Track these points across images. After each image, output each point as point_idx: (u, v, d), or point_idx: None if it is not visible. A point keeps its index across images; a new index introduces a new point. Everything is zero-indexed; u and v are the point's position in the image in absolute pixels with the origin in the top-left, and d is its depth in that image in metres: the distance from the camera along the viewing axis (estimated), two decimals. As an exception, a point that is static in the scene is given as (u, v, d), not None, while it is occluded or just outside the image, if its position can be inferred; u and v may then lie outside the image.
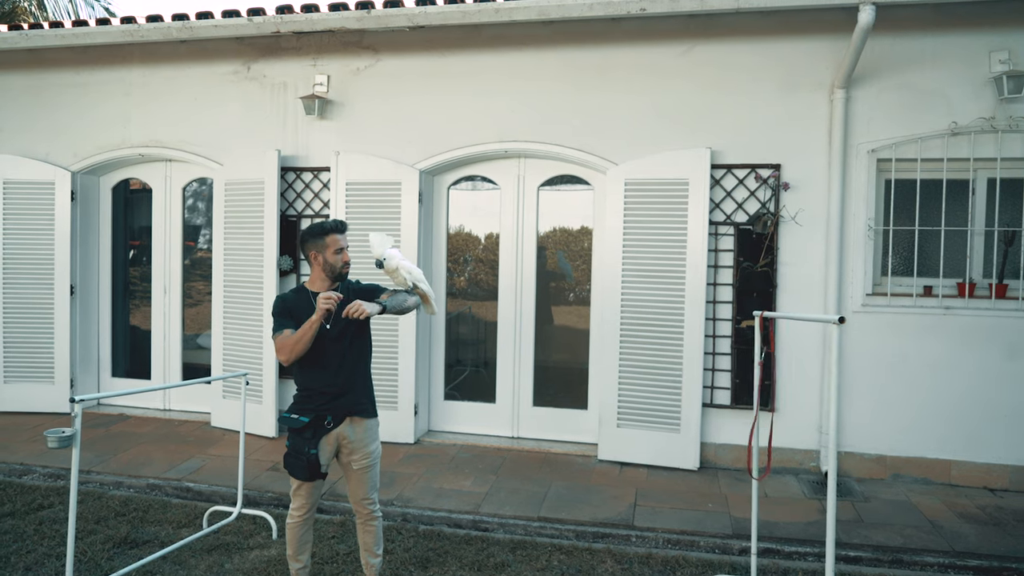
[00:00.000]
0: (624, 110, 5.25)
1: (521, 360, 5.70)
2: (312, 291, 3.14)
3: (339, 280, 3.17)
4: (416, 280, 3.22)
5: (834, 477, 2.50)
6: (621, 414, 5.20)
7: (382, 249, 3.12)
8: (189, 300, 6.49)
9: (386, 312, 3.03)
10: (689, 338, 5.03)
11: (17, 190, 6.18)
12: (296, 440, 3.06)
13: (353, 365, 3.14)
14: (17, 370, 6.25)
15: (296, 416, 3.06)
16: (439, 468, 5.09)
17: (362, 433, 3.16)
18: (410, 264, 3.22)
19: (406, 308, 3.16)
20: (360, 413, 3.16)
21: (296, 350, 2.93)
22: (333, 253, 3.11)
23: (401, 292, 3.21)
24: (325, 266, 3.12)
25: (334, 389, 3.08)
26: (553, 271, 5.81)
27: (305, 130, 5.78)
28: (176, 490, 4.78)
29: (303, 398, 3.11)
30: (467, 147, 5.53)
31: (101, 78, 6.16)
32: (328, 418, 3.07)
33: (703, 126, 5.12)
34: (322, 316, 2.92)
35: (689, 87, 5.14)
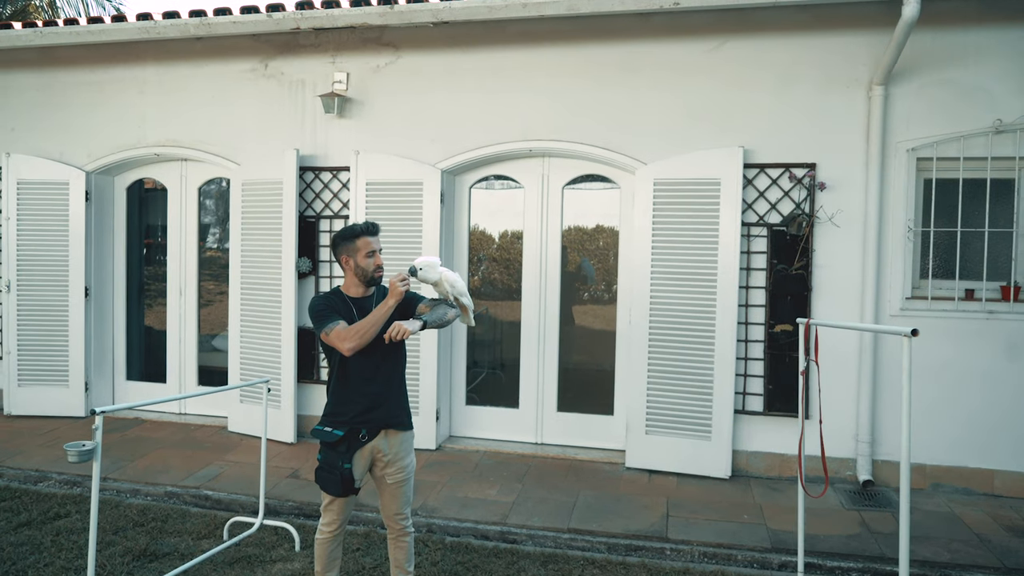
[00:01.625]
0: (652, 108, 5.10)
1: (545, 364, 5.57)
2: (348, 295, 3.02)
3: (372, 285, 3.04)
4: (458, 294, 3.08)
5: (907, 494, 2.35)
6: (650, 420, 5.05)
7: (437, 272, 3.00)
8: (204, 300, 6.37)
9: (426, 328, 2.89)
10: (720, 342, 4.88)
11: (31, 190, 6.08)
12: (329, 454, 2.93)
13: (388, 376, 3.01)
14: (32, 373, 6.16)
15: (330, 429, 2.93)
16: (463, 476, 4.96)
17: (397, 446, 3.03)
18: (454, 275, 3.08)
19: (446, 322, 3.01)
20: (396, 425, 3.03)
21: (369, 334, 2.78)
22: (365, 256, 2.98)
23: (441, 304, 3.05)
24: (357, 270, 2.99)
25: (369, 401, 2.95)
26: (574, 272, 5.66)
27: (324, 129, 5.65)
28: (195, 498, 4.67)
29: (336, 412, 2.97)
30: (490, 146, 5.38)
31: (115, 76, 6.05)
32: (363, 431, 2.94)
33: (735, 124, 4.96)
34: (399, 298, 2.82)
35: (720, 84, 4.98)
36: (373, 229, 3.01)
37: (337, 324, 2.84)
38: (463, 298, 3.11)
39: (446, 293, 3.06)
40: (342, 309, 2.94)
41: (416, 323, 2.84)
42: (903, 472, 2.39)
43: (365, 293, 3.04)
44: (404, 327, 2.76)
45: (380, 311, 2.84)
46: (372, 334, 2.81)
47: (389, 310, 2.85)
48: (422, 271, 2.99)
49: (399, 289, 2.83)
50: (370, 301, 3.03)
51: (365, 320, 2.83)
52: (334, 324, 2.84)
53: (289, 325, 5.53)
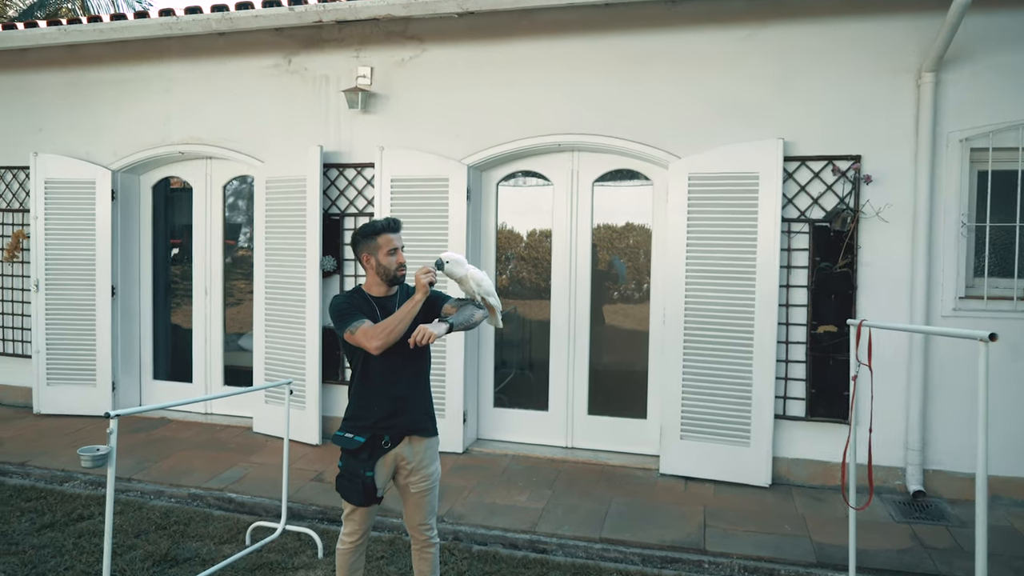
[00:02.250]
0: (686, 100, 4.89)
1: (575, 365, 5.39)
2: (370, 294, 2.88)
3: (395, 284, 2.90)
4: (485, 293, 2.92)
5: (983, 512, 2.13)
6: (685, 425, 4.85)
7: (464, 269, 2.86)
8: (230, 299, 6.31)
9: (452, 331, 2.73)
10: (760, 344, 4.65)
11: (59, 190, 6.07)
12: (350, 462, 2.80)
13: (412, 378, 2.87)
14: (60, 372, 6.15)
15: (351, 436, 2.80)
16: (491, 481, 4.81)
17: (421, 453, 2.89)
18: (480, 273, 2.92)
19: (473, 324, 2.85)
20: (420, 432, 2.88)
21: (396, 331, 2.65)
22: (386, 254, 2.83)
23: (468, 305, 2.89)
24: (379, 269, 2.84)
25: (392, 406, 2.81)
26: (604, 271, 5.47)
27: (348, 125, 5.54)
28: (218, 500, 4.59)
29: (357, 416, 2.84)
30: (517, 141, 5.22)
31: (140, 74, 6.01)
32: (385, 438, 2.80)
33: (773, 116, 4.73)
34: (426, 292, 2.70)
35: (757, 73, 4.75)
36: (394, 225, 2.87)
37: (362, 323, 2.72)
38: (490, 298, 2.95)
39: (472, 292, 2.91)
40: (365, 308, 2.81)
41: (442, 326, 2.68)
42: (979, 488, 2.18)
43: (388, 292, 2.91)
44: (429, 331, 2.60)
45: (407, 307, 2.71)
46: (400, 332, 2.67)
47: (416, 305, 2.71)
48: (448, 264, 2.84)
49: (423, 282, 2.70)
50: (393, 301, 2.90)
51: (392, 317, 2.70)
52: (359, 323, 2.72)
53: (314, 325, 5.43)
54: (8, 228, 6.43)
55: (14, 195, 6.41)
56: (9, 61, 6.28)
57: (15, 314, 6.45)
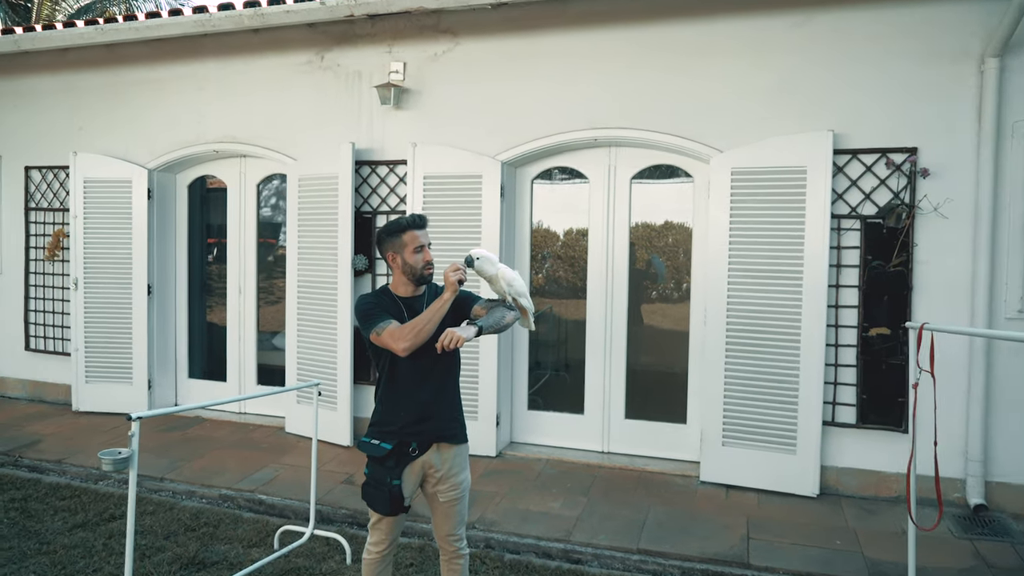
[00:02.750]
0: (729, 91, 4.68)
1: (612, 367, 5.21)
2: (397, 294, 2.76)
3: (422, 283, 2.77)
4: (517, 294, 2.78)
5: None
6: (727, 430, 4.64)
7: (495, 267, 2.74)
8: (271, 298, 6.28)
9: (482, 334, 2.59)
10: (807, 346, 4.42)
11: (97, 189, 6.12)
12: (376, 469, 2.68)
13: (440, 382, 2.74)
14: (98, 370, 6.21)
15: (377, 442, 2.68)
16: (524, 486, 4.67)
17: (451, 461, 2.76)
18: (512, 273, 2.77)
19: (504, 326, 2.70)
20: (449, 438, 2.76)
21: (425, 332, 2.53)
22: (412, 252, 2.70)
23: (499, 306, 2.75)
24: (405, 268, 2.72)
25: (419, 411, 2.69)
26: (642, 269, 5.28)
27: (380, 121, 5.45)
28: (248, 502, 4.54)
29: (384, 421, 2.72)
30: (553, 135, 5.06)
31: (175, 73, 6.02)
32: (412, 444, 2.68)
33: (822, 106, 4.48)
34: (454, 291, 2.57)
35: (805, 63, 4.52)
36: (420, 222, 2.75)
37: (389, 323, 2.60)
38: (522, 299, 2.81)
39: (503, 292, 2.77)
40: (392, 309, 2.70)
41: (471, 329, 2.55)
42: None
43: (415, 292, 2.79)
44: (458, 334, 2.46)
45: (435, 307, 2.58)
46: (428, 332, 2.55)
47: (445, 305, 2.58)
48: (479, 261, 2.70)
49: (452, 279, 2.56)
50: (420, 301, 2.77)
51: (419, 317, 2.58)
52: (385, 323, 2.60)
53: (345, 324, 5.35)
54: (50, 227, 6.51)
55: (55, 194, 6.50)
56: (51, 62, 6.36)
57: (56, 312, 6.53)
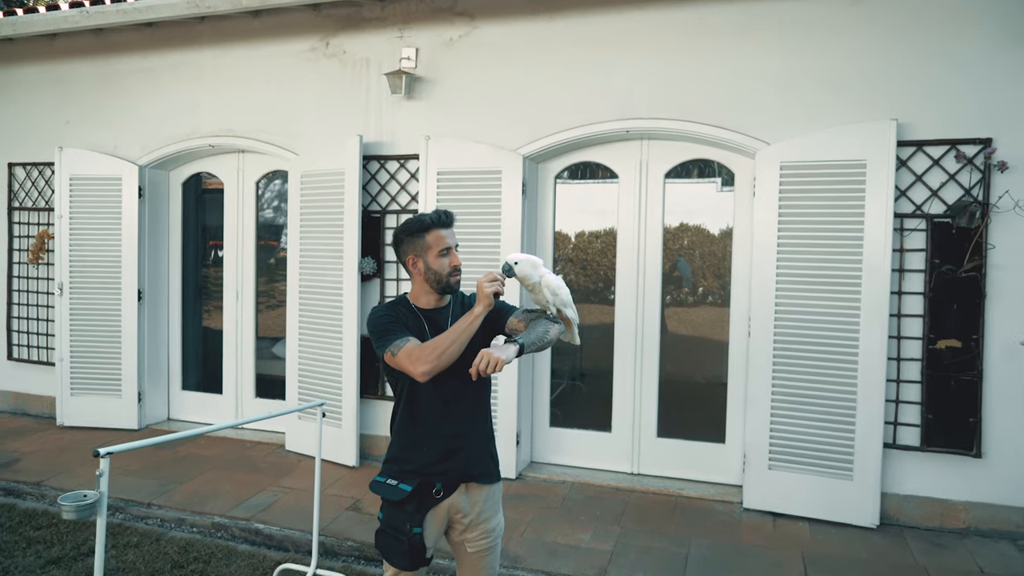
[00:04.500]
0: (777, 78, 4.24)
1: (643, 380, 4.76)
2: (417, 306, 2.34)
3: (447, 292, 2.34)
4: (562, 304, 2.35)
5: None
6: (774, 452, 4.19)
7: (539, 272, 2.33)
8: (271, 302, 5.84)
9: (524, 353, 2.16)
10: (866, 360, 3.97)
11: (84, 187, 5.68)
12: (393, 515, 2.24)
13: (470, 411, 2.31)
14: (84, 382, 5.76)
15: (394, 483, 2.24)
16: (549, 514, 4.22)
17: (481, 504, 2.31)
18: (557, 280, 2.35)
19: (548, 342, 2.27)
20: (480, 477, 2.31)
21: (449, 353, 2.11)
22: (437, 256, 2.27)
23: (540, 319, 2.32)
24: (427, 274, 2.29)
25: (444, 446, 2.26)
26: (668, 273, 4.84)
27: (390, 112, 5.01)
28: (244, 532, 4.09)
29: (401, 458, 2.29)
30: (579, 127, 4.62)
31: (170, 62, 5.59)
32: (437, 485, 2.24)
33: (883, 93, 4.04)
34: (489, 305, 2.18)
35: (863, 46, 4.08)
36: (446, 219, 2.31)
37: (407, 341, 2.17)
38: (567, 309, 2.38)
39: (545, 303, 2.34)
40: (411, 323, 2.27)
41: (511, 348, 2.11)
42: None
43: (439, 303, 2.35)
44: (496, 357, 2.02)
45: (464, 324, 2.16)
46: (454, 354, 2.13)
47: (476, 321, 2.17)
48: (519, 265, 2.29)
49: (487, 291, 2.16)
50: (445, 314, 2.34)
51: (444, 336, 2.15)
52: (403, 341, 2.17)
53: (351, 333, 4.91)
54: (35, 228, 6.08)
55: (40, 193, 6.06)
56: (38, 51, 5.93)
57: (40, 319, 6.09)
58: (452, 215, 2.34)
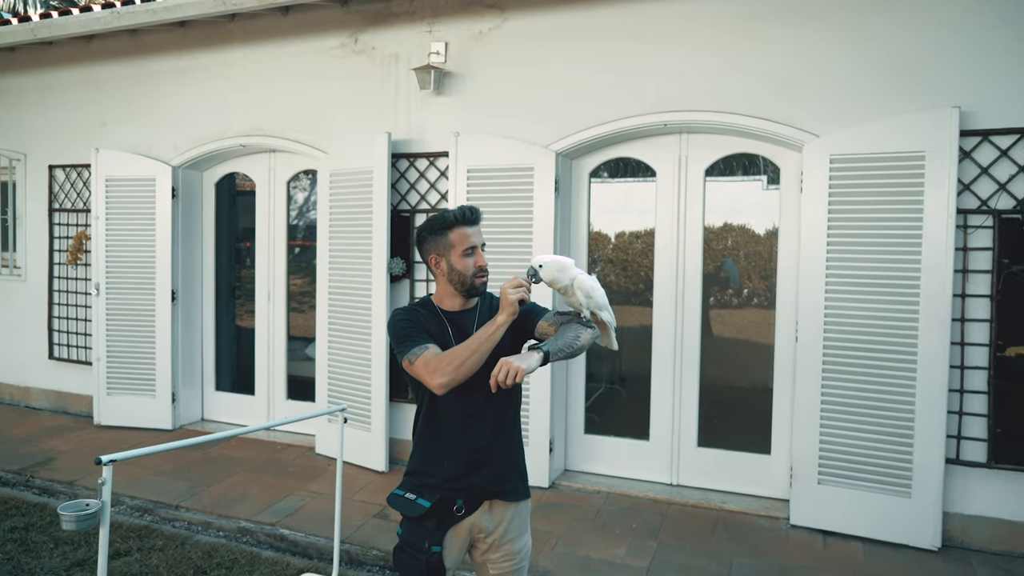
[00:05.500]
0: (826, 64, 3.96)
1: (682, 386, 4.53)
2: (442, 308, 2.19)
3: (472, 295, 2.18)
4: (597, 307, 2.15)
5: None
6: (824, 465, 3.92)
7: (569, 275, 2.11)
8: (304, 303, 5.77)
9: (549, 362, 1.97)
10: (925, 368, 3.67)
11: (119, 188, 5.71)
12: (412, 531, 2.10)
13: (496, 423, 2.15)
14: (120, 381, 5.79)
15: (412, 497, 2.10)
16: (582, 525, 4.03)
17: (506, 523, 2.15)
18: (591, 281, 2.14)
19: (578, 349, 2.06)
20: (506, 494, 2.15)
21: (468, 364, 1.94)
22: (461, 255, 2.11)
23: (572, 323, 2.13)
24: (451, 275, 2.13)
25: (468, 460, 2.11)
26: (713, 274, 4.60)
27: (419, 109, 4.89)
28: (269, 538, 4.01)
29: (422, 471, 2.16)
30: (615, 121, 4.42)
31: (201, 62, 5.57)
32: (458, 502, 2.10)
33: (943, 79, 3.74)
34: (512, 313, 1.99)
35: (920, 28, 3.78)
36: (471, 216, 2.14)
37: (425, 348, 2.01)
38: (602, 313, 2.18)
39: (578, 306, 2.15)
40: (433, 328, 2.12)
41: (534, 356, 1.93)
42: None
43: (464, 306, 2.19)
44: (517, 366, 1.85)
45: (485, 333, 1.99)
46: (474, 365, 1.96)
47: (499, 329, 1.99)
48: (545, 268, 2.08)
49: (511, 299, 1.98)
50: (471, 317, 2.18)
51: (463, 345, 1.99)
52: (421, 348, 2.02)
53: (380, 335, 4.79)
54: (74, 229, 6.14)
55: (79, 194, 6.13)
56: (75, 54, 5.99)
57: (79, 319, 6.16)
58: (478, 211, 2.17)
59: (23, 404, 6.52)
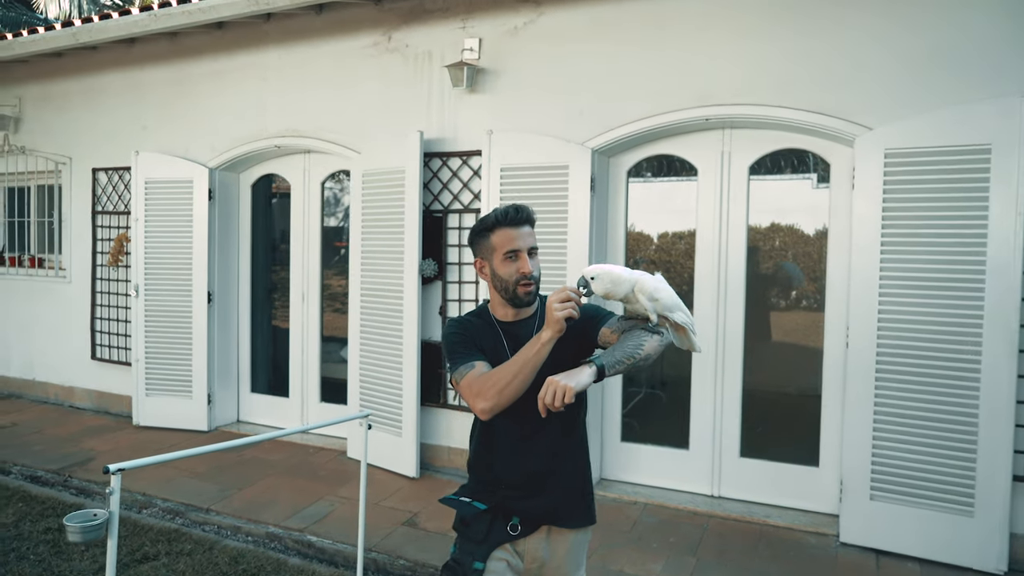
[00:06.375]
0: (879, 52, 3.72)
1: (724, 393, 4.32)
2: (496, 318, 2.02)
3: (518, 305, 1.99)
4: (666, 310, 1.91)
5: None
6: (877, 480, 3.67)
7: (627, 283, 1.89)
8: (338, 305, 5.72)
9: (605, 377, 1.78)
10: (990, 377, 3.40)
11: (158, 190, 5.76)
12: (462, 547, 1.97)
13: (556, 442, 1.97)
14: (158, 382, 5.83)
15: (468, 500, 1.99)
16: (617, 538, 3.85)
17: (563, 555, 1.99)
18: (653, 281, 1.91)
19: (641, 360, 1.83)
20: (568, 520, 1.99)
21: (512, 387, 1.78)
22: (503, 259, 1.93)
23: (635, 330, 1.91)
24: (495, 281, 1.97)
25: (525, 483, 1.95)
26: (768, 275, 4.38)
27: (452, 107, 4.79)
28: (296, 544, 3.94)
29: (478, 490, 2.03)
30: (653, 116, 4.24)
31: (237, 64, 5.58)
32: (514, 519, 1.95)
33: (1008, 65, 3.47)
34: (559, 331, 1.77)
35: (986, 8, 3.51)
36: (515, 216, 1.94)
37: (472, 366, 1.87)
38: (675, 314, 1.93)
39: (643, 312, 1.91)
40: (487, 339, 1.97)
41: (585, 372, 1.74)
42: None
43: (519, 315, 2.01)
44: (564, 385, 1.68)
45: (529, 352, 1.80)
46: (519, 387, 1.79)
47: (544, 348, 1.79)
48: (596, 280, 1.87)
49: (558, 315, 1.76)
50: (529, 327, 1.98)
51: (506, 367, 1.81)
52: (468, 365, 1.87)
53: (411, 337, 4.70)
54: (115, 232, 6.23)
55: (120, 197, 6.21)
56: (118, 58, 6.07)
57: (120, 320, 6.24)
58: (526, 210, 1.96)
59: (68, 404, 6.64)
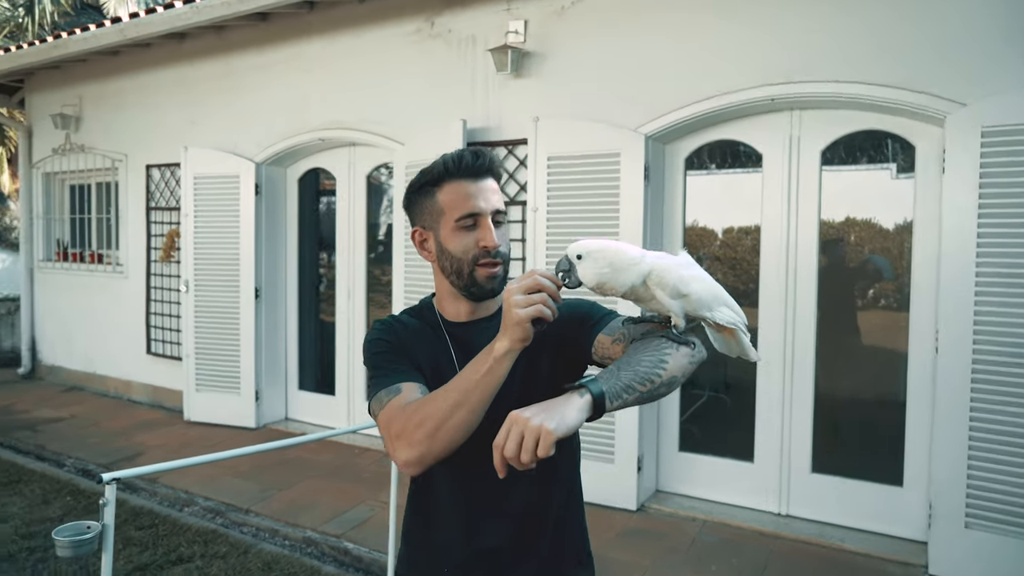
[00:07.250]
0: (972, 17, 3.26)
1: (793, 400, 3.93)
2: (444, 316, 1.40)
3: (479, 297, 1.35)
4: (703, 309, 1.24)
5: None
6: (972, 506, 3.23)
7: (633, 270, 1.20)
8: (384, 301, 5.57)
9: (606, 412, 1.11)
10: (1111, 391, 2.93)
11: (206, 185, 5.72)
12: None
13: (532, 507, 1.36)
14: (207, 378, 5.82)
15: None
16: (672, 558, 3.54)
17: None
18: (678, 269, 1.21)
19: (661, 386, 1.16)
20: None
21: (451, 428, 1.14)
22: (455, 228, 1.31)
23: (652, 337, 1.24)
24: (442, 259, 1.34)
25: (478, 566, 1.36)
26: (846, 268, 3.97)
27: (497, 93, 4.54)
28: (332, 551, 3.78)
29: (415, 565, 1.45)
30: (711, 98, 3.88)
31: (281, 56, 5.48)
32: None
33: None
34: (523, 340, 1.13)
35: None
36: (476, 164, 1.31)
37: (397, 390, 1.24)
38: (717, 312, 1.25)
39: (668, 309, 1.22)
40: (425, 350, 1.36)
41: (574, 405, 1.08)
42: None
43: (476, 313, 1.38)
44: (539, 427, 1.02)
45: (475, 373, 1.16)
46: (461, 428, 1.14)
47: (499, 366, 1.15)
48: (584, 261, 1.19)
49: (520, 316, 1.11)
50: (491, 331, 1.23)
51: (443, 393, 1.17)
52: (390, 390, 1.25)
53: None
54: (167, 227, 6.25)
55: (171, 193, 6.23)
56: (169, 54, 6.08)
57: (172, 315, 6.27)
58: (487, 155, 1.32)
59: (126, 397, 6.74)
